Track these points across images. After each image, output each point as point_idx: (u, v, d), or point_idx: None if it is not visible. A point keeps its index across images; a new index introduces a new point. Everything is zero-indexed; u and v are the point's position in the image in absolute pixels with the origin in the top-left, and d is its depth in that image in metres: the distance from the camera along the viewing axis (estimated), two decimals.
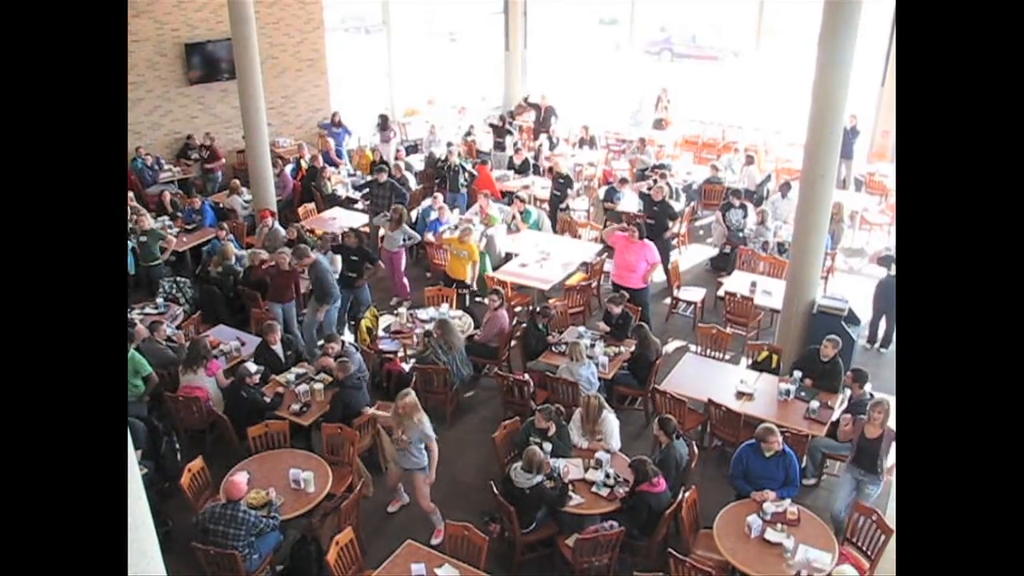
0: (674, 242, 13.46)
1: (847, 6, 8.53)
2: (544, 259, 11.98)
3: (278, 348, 9.44)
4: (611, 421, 8.05)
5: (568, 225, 13.70)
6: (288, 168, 15.40)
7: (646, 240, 10.93)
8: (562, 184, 14.55)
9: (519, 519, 7.10)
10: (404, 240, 12.05)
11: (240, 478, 6.92)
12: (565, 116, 19.26)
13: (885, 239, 14.35)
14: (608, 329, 10.07)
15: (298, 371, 9.24)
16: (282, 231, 12.54)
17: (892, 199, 14.92)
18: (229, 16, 12.70)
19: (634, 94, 21.10)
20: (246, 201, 14.21)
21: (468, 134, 18.32)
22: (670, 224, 12.68)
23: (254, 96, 13.05)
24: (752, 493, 7.16)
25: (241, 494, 6.76)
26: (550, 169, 15.74)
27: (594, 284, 12.06)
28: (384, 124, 17.65)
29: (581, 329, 10.22)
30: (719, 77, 27.79)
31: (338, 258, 11.44)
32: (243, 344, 9.92)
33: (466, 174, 14.72)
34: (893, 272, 10.53)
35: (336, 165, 16.24)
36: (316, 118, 18.65)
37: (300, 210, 14.14)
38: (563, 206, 14.46)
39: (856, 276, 13.17)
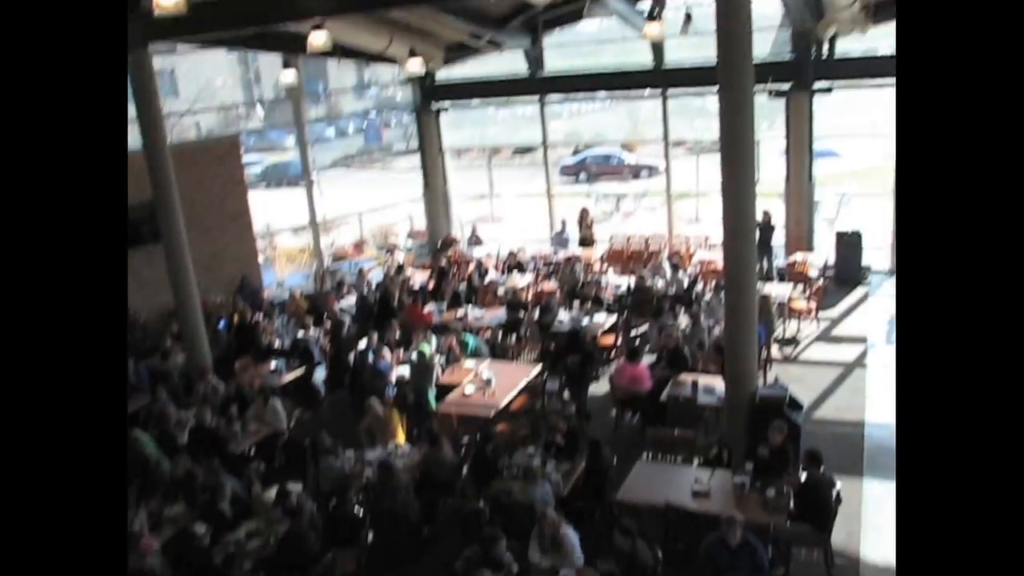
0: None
1: (740, 116, 9.11)
2: (486, 386, 11.96)
3: (225, 505, 9.14)
4: (570, 536, 7.93)
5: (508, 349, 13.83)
6: (221, 324, 15.31)
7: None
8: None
9: None
10: None
11: None
12: (491, 244, 19.54)
13: (814, 325, 14.75)
14: (561, 444, 10.02)
15: (248, 527, 8.94)
16: (221, 386, 12.38)
17: (815, 285, 15.38)
18: (150, 181, 12.78)
19: (555, 217, 21.64)
20: (179, 362, 14.01)
21: (399, 271, 18.49)
22: None
23: (181, 258, 13.06)
24: None
25: None
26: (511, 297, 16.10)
27: (539, 405, 12.04)
28: (339, 286, 18.06)
29: (530, 450, 10.14)
30: (636, 191, 28.80)
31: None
32: None
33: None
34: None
35: (269, 316, 16.18)
36: (246, 271, 18.60)
37: (236, 365, 13.97)
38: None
39: (793, 364, 13.44)
